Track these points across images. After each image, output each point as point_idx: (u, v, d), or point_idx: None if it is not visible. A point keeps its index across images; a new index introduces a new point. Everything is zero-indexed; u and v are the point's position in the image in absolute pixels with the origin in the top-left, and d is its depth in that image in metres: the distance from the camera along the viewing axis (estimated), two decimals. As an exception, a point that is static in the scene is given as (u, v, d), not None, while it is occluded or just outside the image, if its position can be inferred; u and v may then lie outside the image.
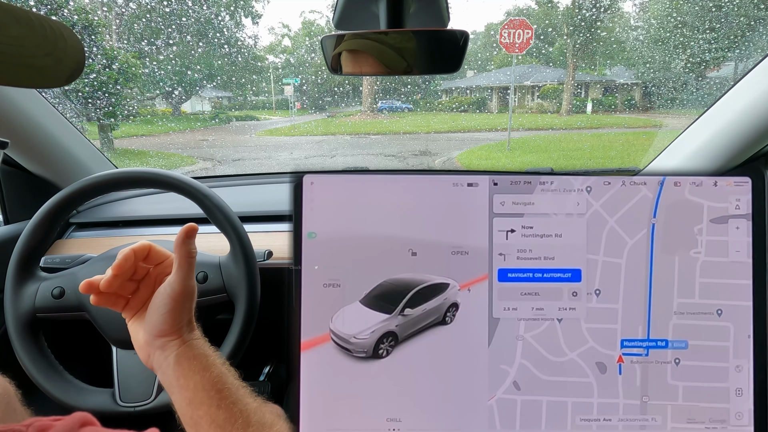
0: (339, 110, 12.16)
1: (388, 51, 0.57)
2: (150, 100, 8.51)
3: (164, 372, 0.47)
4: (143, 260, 0.50)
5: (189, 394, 0.44)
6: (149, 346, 0.48)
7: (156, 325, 0.47)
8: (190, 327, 0.49)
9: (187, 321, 0.49)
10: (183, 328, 0.48)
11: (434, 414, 0.47)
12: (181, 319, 0.48)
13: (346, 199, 0.48)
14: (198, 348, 0.47)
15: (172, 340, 0.47)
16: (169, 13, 7.59)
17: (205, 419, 0.43)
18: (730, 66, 7.44)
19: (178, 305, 0.47)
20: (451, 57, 0.59)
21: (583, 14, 9.25)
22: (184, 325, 0.48)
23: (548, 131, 8.60)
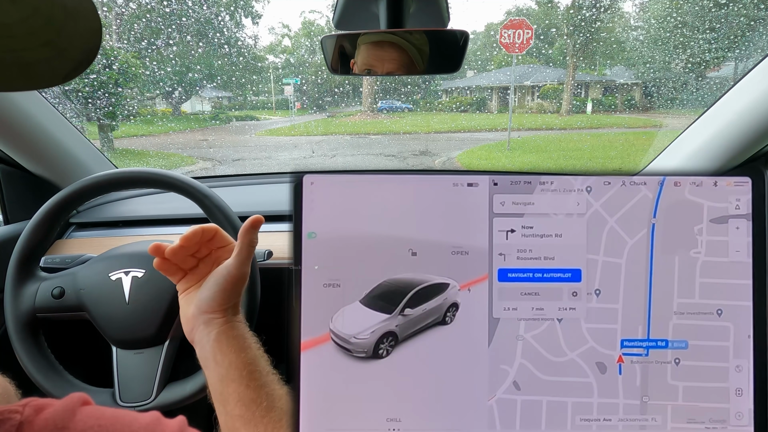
0: (339, 110, 12.16)
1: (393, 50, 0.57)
2: (150, 100, 8.51)
3: (203, 346, 0.49)
4: (208, 241, 0.54)
5: (222, 370, 0.47)
6: (195, 319, 0.50)
7: (207, 300, 0.50)
8: (235, 309, 0.52)
9: (234, 303, 0.52)
10: (229, 309, 0.51)
11: (434, 414, 0.47)
12: (230, 299, 0.51)
13: (346, 199, 0.48)
14: (239, 330, 0.50)
15: (218, 318, 0.50)
16: (169, 13, 7.59)
17: (234, 396, 0.46)
18: (730, 66, 7.44)
19: (230, 286, 0.50)
20: (451, 57, 0.59)
21: (583, 14, 9.25)
22: (230, 307, 0.51)
23: (548, 131, 8.60)
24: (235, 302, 0.52)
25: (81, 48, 0.25)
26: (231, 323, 0.50)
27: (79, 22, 0.24)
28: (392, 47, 0.58)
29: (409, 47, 0.57)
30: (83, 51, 0.25)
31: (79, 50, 0.25)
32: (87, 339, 0.86)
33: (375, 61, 0.59)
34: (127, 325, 0.70)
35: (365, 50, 0.59)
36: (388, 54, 0.58)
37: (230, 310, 0.51)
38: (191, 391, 0.68)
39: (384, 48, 0.58)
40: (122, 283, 0.71)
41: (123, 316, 0.70)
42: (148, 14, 7.27)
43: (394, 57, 0.58)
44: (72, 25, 0.24)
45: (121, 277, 0.71)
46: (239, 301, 0.53)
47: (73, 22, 0.24)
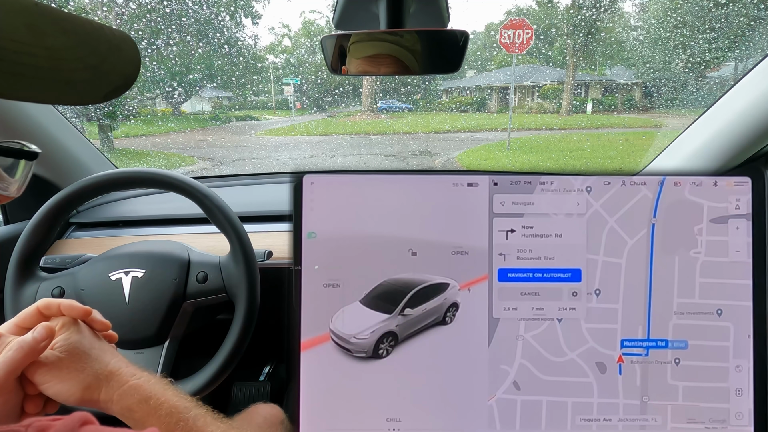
0: (339, 110, 12.16)
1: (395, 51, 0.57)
2: (150, 100, 8.50)
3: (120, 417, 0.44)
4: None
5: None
6: (90, 406, 0.45)
7: (65, 396, 0.44)
8: (99, 384, 0.45)
9: (94, 379, 0.44)
10: (93, 390, 0.44)
11: (434, 414, 0.47)
12: (77, 382, 0.44)
13: (346, 199, 0.48)
14: (132, 394, 0.44)
15: (96, 401, 0.44)
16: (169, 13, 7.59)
17: None
18: (730, 66, 7.44)
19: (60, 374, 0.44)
20: (451, 57, 0.59)
21: (583, 14, 9.25)
22: (92, 386, 0.44)
23: (548, 131, 8.60)
24: (96, 376, 0.44)
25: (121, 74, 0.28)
26: (116, 398, 0.43)
27: (121, 54, 0.28)
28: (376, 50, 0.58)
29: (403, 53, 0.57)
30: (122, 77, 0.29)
31: (119, 76, 0.28)
32: (87, 339, 0.86)
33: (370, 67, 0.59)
34: (127, 325, 0.70)
35: (352, 58, 0.59)
36: (383, 59, 0.58)
37: (96, 391, 0.44)
38: (191, 391, 0.68)
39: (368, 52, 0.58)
40: (122, 283, 0.71)
41: (123, 316, 0.69)
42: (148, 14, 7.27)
43: (391, 61, 0.58)
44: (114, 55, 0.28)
45: (121, 277, 0.71)
46: (99, 373, 0.45)
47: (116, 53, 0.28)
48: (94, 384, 0.44)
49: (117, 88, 0.28)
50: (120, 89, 0.28)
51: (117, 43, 0.28)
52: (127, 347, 0.71)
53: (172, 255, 0.73)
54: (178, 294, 0.70)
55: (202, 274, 0.72)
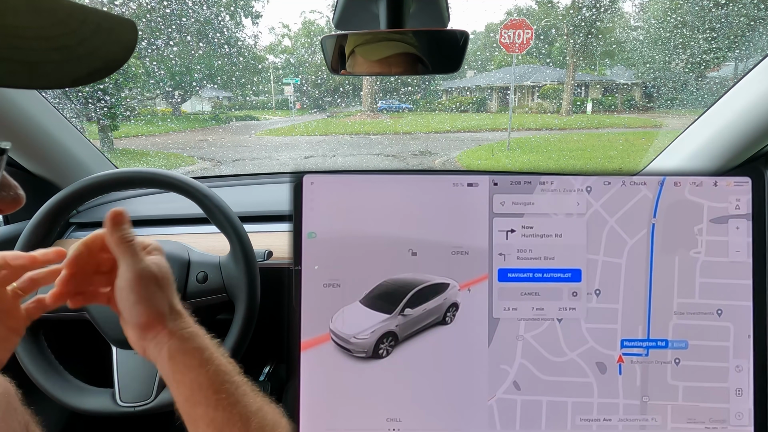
0: (339, 110, 12.16)
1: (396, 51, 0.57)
2: (150, 100, 8.50)
3: (161, 367, 0.44)
4: (101, 249, 0.46)
5: (186, 391, 0.42)
6: (141, 340, 0.45)
7: (132, 319, 0.44)
8: (175, 315, 0.45)
9: (169, 308, 0.45)
10: (166, 318, 0.44)
11: (434, 414, 0.47)
12: (156, 306, 0.44)
13: (346, 199, 0.48)
14: (193, 341, 0.44)
15: (159, 331, 0.44)
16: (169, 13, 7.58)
17: (203, 419, 0.41)
18: (730, 66, 7.44)
19: (142, 292, 0.43)
20: (451, 57, 0.59)
21: (583, 14, 9.25)
22: (166, 314, 0.44)
23: (548, 131, 8.60)
24: (171, 307, 0.45)
25: (103, 58, 0.25)
26: (179, 335, 0.43)
27: (110, 36, 0.25)
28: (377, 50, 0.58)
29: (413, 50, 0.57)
30: (105, 60, 0.25)
31: (101, 60, 0.25)
32: (87, 339, 0.86)
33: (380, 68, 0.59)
34: None
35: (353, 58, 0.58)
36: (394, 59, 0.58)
37: (168, 317, 0.44)
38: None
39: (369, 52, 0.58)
40: (122, 283, 0.70)
41: None
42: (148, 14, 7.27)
43: (399, 60, 0.58)
44: (99, 38, 0.25)
45: (121, 277, 0.71)
46: (175, 304, 0.46)
47: (104, 35, 0.25)
48: (166, 314, 0.44)
49: (93, 72, 0.25)
50: (99, 73, 0.25)
51: (109, 25, 0.25)
52: (127, 347, 0.71)
53: (172, 255, 0.73)
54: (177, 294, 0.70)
55: (202, 274, 0.72)
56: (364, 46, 0.58)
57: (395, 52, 0.58)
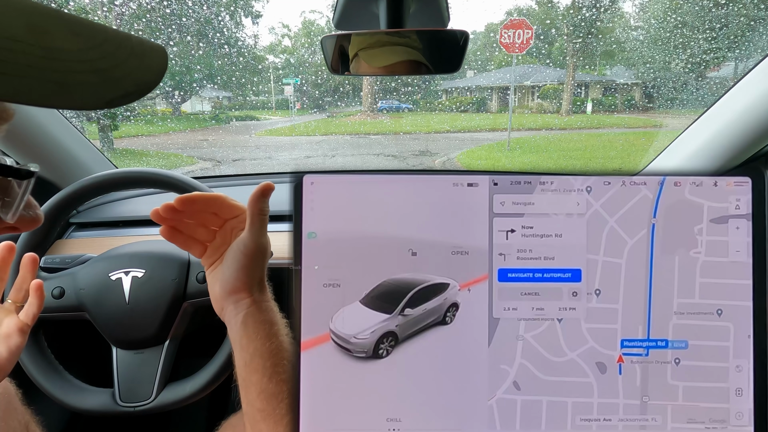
0: (339, 110, 12.16)
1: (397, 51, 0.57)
2: (150, 100, 8.51)
3: (231, 329, 0.48)
4: (216, 211, 0.52)
5: (247, 357, 0.46)
6: (223, 300, 0.49)
7: (229, 280, 0.48)
8: (261, 287, 0.50)
9: (259, 280, 0.50)
10: (254, 287, 0.49)
11: (434, 414, 0.47)
12: (253, 276, 0.48)
13: (346, 199, 0.48)
14: (267, 313, 0.48)
15: (244, 298, 0.48)
16: (169, 13, 7.59)
17: (256, 386, 0.45)
18: (730, 66, 7.44)
19: (251, 262, 0.48)
20: (451, 57, 0.59)
21: (583, 14, 9.25)
22: (255, 284, 0.49)
23: (548, 131, 8.61)
24: (261, 279, 0.50)
25: (137, 81, 0.26)
26: (258, 305, 0.48)
27: (143, 60, 0.26)
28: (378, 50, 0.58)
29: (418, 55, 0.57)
30: (138, 84, 0.26)
31: (134, 83, 0.26)
32: (87, 339, 0.86)
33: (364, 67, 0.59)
34: (127, 325, 0.70)
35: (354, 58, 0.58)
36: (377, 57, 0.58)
37: (256, 287, 0.49)
38: (191, 392, 0.68)
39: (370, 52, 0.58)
40: (122, 283, 0.71)
41: (123, 316, 0.70)
42: (148, 14, 7.27)
43: (398, 62, 0.58)
44: (134, 62, 0.25)
45: (121, 277, 0.71)
46: (264, 277, 0.51)
47: (137, 60, 0.26)
48: (257, 286, 0.49)
49: (126, 95, 0.26)
50: (131, 96, 0.26)
51: (142, 50, 0.26)
52: (127, 347, 0.71)
53: (172, 255, 0.73)
54: (178, 294, 0.70)
55: (202, 274, 0.72)
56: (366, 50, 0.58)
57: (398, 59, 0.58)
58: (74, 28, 0.23)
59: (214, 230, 0.53)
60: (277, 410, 0.44)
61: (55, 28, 0.23)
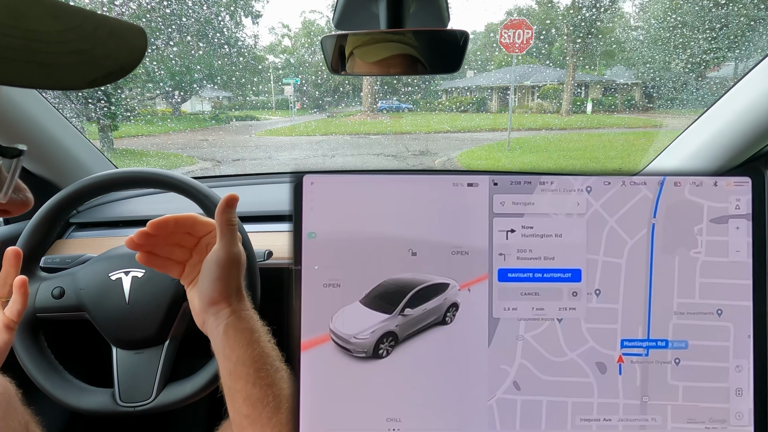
0: (339, 110, 12.16)
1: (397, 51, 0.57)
2: (150, 100, 8.50)
3: (214, 339, 0.49)
4: (189, 231, 0.53)
5: (230, 365, 0.46)
6: (204, 313, 0.50)
7: (207, 292, 0.49)
8: (239, 296, 0.51)
9: (236, 289, 0.50)
10: (232, 297, 0.49)
11: (434, 414, 0.47)
12: (229, 286, 0.49)
13: (346, 199, 0.48)
14: (247, 321, 0.49)
15: (223, 308, 0.49)
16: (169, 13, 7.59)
17: (241, 393, 0.45)
18: (730, 66, 7.44)
19: (225, 272, 0.49)
20: (451, 57, 0.59)
21: (583, 14, 9.25)
22: (233, 294, 0.50)
23: (548, 131, 8.61)
24: (238, 288, 0.51)
25: (117, 60, 0.27)
26: (238, 314, 0.49)
27: (122, 41, 0.27)
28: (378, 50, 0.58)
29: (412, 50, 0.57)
30: (119, 63, 0.27)
31: (115, 62, 0.27)
32: (87, 339, 0.86)
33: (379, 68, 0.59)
34: (127, 325, 0.70)
35: (353, 58, 0.58)
36: (393, 60, 0.58)
37: (234, 297, 0.50)
38: (191, 391, 0.68)
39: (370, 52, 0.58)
40: (122, 283, 0.71)
41: (123, 316, 0.70)
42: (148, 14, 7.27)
43: (399, 61, 0.58)
44: (114, 41, 0.26)
45: (121, 277, 0.71)
46: (242, 286, 0.51)
47: (116, 40, 0.26)
48: (235, 295, 0.50)
49: (109, 74, 0.27)
50: (113, 75, 0.27)
51: (122, 31, 0.27)
52: (127, 347, 0.71)
53: (172, 255, 0.73)
54: (178, 294, 0.70)
55: (202, 274, 0.72)
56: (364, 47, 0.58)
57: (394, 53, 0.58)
58: (52, 11, 0.24)
59: (190, 249, 0.54)
60: (263, 414, 0.45)
61: (34, 11, 0.24)
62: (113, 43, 0.26)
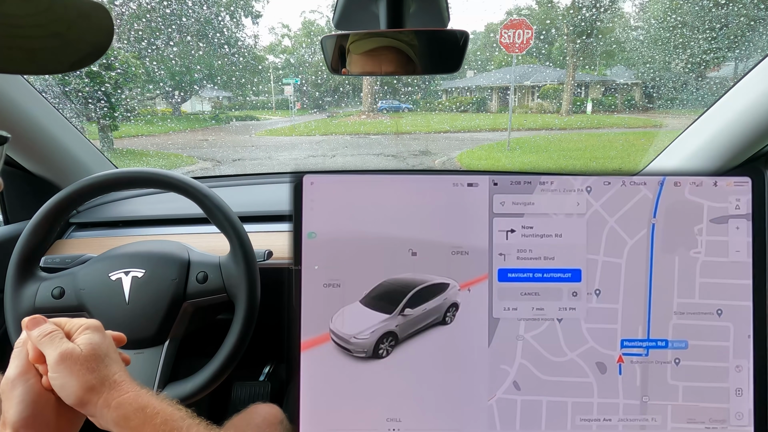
0: (339, 110, 12.15)
1: (394, 51, 0.57)
2: (150, 100, 8.50)
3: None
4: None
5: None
6: (84, 414, 0.46)
7: (66, 398, 0.45)
8: (110, 386, 0.46)
9: (100, 382, 0.45)
10: (98, 391, 0.45)
11: (434, 414, 0.47)
12: (83, 384, 0.44)
13: (346, 199, 0.48)
14: (131, 405, 0.45)
15: (95, 405, 0.44)
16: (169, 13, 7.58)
17: None
18: (730, 66, 7.44)
19: (65, 373, 0.44)
20: (451, 57, 0.59)
21: (583, 14, 9.25)
22: (97, 388, 0.45)
23: (548, 131, 8.60)
24: (89, 382, 0.45)
25: (91, 42, 0.28)
26: (115, 405, 0.44)
27: (91, 20, 0.28)
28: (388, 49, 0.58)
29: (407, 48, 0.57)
30: (92, 45, 0.28)
31: (89, 44, 0.28)
32: (87, 339, 0.86)
33: (372, 66, 0.59)
34: (127, 325, 0.70)
35: (360, 57, 0.58)
36: (386, 56, 0.58)
37: (101, 390, 0.45)
38: (191, 391, 0.68)
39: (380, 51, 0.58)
40: (122, 283, 0.71)
41: (123, 316, 0.69)
42: (148, 14, 7.26)
43: (391, 59, 0.58)
44: (84, 22, 0.27)
45: (121, 277, 0.71)
46: (103, 377, 0.46)
47: (86, 20, 0.27)
48: (98, 387, 0.45)
49: (86, 56, 0.28)
50: (90, 57, 0.28)
51: (86, 10, 0.27)
52: (127, 347, 0.71)
53: (172, 255, 0.73)
54: (178, 294, 0.70)
55: (202, 274, 0.72)
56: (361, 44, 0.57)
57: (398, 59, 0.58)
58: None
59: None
60: None
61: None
62: (83, 24, 0.27)
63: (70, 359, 0.45)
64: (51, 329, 0.47)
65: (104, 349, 0.48)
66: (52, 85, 3.27)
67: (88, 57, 0.28)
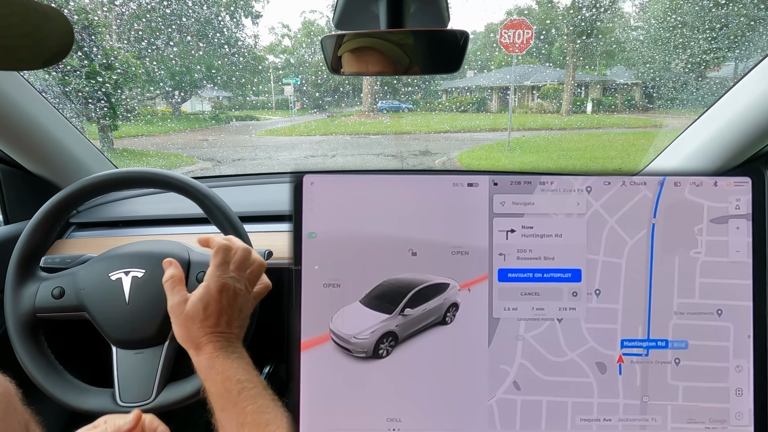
0: (339, 110, 12.16)
1: (389, 51, 0.57)
2: (150, 100, 8.51)
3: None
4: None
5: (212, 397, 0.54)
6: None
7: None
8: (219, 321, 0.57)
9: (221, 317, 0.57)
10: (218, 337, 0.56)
11: (434, 414, 0.47)
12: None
13: (346, 199, 0.48)
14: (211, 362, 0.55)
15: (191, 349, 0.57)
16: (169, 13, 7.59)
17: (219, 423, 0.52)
18: (730, 66, 7.44)
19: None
20: (451, 57, 0.59)
21: (583, 14, 9.25)
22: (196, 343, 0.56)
23: (548, 131, 8.61)
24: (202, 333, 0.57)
25: (57, 42, 0.31)
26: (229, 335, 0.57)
27: (52, 23, 0.31)
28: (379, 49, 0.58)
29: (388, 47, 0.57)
30: (59, 44, 0.31)
31: (56, 43, 0.31)
32: (87, 339, 0.86)
33: (359, 67, 0.59)
34: (127, 325, 0.70)
35: (352, 57, 0.59)
36: (372, 57, 0.58)
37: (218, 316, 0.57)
38: (191, 391, 0.68)
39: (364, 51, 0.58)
40: (122, 283, 0.71)
41: (123, 316, 0.70)
42: (148, 14, 7.27)
43: (382, 59, 0.58)
44: (47, 24, 0.31)
45: (121, 277, 0.71)
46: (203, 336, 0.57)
47: (48, 23, 0.31)
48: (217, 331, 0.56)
49: (56, 55, 0.31)
50: (58, 56, 0.31)
51: (46, 12, 0.30)
52: (127, 347, 0.71)
53: (172, 255, 0.73)
54: None
55: (202, 274, 0.72)
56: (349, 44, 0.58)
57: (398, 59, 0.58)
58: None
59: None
60: None
61: None
62: (46, 27, 0.30)
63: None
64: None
65: (237, 287, 0.59)
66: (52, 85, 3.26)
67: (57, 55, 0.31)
